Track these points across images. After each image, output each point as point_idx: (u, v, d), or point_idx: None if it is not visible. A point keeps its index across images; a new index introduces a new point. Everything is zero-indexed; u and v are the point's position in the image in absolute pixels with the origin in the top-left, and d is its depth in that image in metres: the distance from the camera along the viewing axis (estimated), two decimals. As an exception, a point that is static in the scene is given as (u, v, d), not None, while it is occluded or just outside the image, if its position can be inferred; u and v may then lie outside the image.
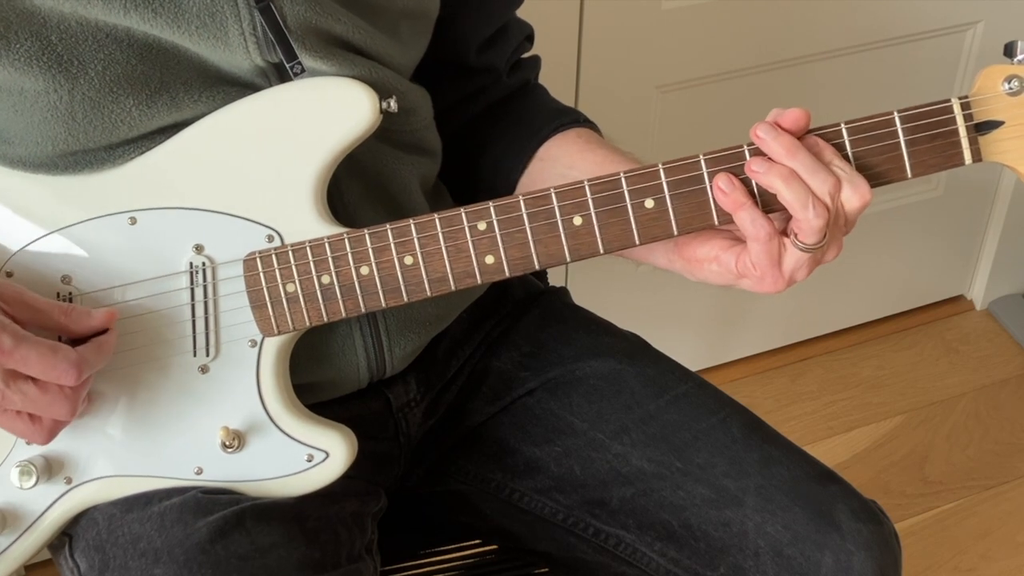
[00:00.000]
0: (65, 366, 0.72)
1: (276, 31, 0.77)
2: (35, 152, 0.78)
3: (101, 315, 0.76)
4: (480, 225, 0.78)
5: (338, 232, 0.79)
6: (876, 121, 0.77)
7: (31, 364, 0.71)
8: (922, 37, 1.74)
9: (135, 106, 0.77)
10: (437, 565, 1.07)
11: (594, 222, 0.77)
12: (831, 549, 0.86)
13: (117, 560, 0.80)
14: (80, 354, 0.73)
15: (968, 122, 0.77)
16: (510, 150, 0.93)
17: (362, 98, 0.78)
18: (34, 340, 0.72)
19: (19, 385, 0.72)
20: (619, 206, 0.77)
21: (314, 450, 0.82)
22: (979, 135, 0.78)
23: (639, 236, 0.78)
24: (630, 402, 0.95)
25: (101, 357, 0.76)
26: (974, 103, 0.78)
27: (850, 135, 0.77)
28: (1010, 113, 0.78)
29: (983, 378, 1.97)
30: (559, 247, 0.78)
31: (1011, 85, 0.77)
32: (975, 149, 0.78)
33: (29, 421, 0.74)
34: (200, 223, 0.79)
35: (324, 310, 0.80)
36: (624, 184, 0.77)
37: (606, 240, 0.78)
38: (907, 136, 0.77)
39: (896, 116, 0.77)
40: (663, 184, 0.77)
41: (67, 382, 0.72)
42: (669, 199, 0.77)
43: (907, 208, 1.93)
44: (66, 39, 0.74)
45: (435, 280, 0.79)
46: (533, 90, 0.99)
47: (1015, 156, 0.78)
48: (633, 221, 0.77)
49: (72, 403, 0.74)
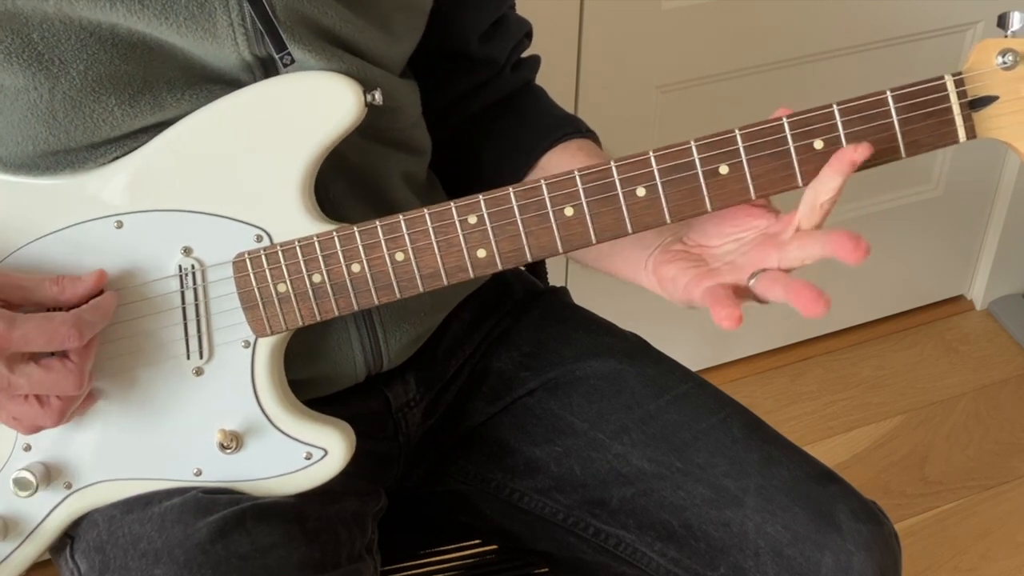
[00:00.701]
0: (64, 329, 0.72)
1: (265, 21, 0.76)
2: (16, 152, 0.78)
3: (91, 278, 0.76)
4: (471, 219, 0.77)
5: (327, 230, 0.78)
6: (868, 101, 0.75)
7: (31, 339, 0.72)
8: (922, 37, 1.74)
9: (117, 106, 0.76)
10: (437, 565, 1.07)
11: (586, 212, 0.76)
12: (831, 549, 0.86)
13: (117, 561, 0.80)
14: (76, 315, 0.73)
15: (962, 99, 0.75)
16: (510, 157, 0.93)
17: (346, 91, 0.77)
18: (26, 316, 0.72)
19: (22, 368, 0.73)
20: (610, 195, 0.76)
21: (312, 448, 0.82)
22: (973, 111, 0.76)
23: (631, 225, 0.77)
24: (630, 402, 0.95)
25: (100, 316, 0.76)
26: (968, 79, 0.75)
27: (842, 116, 0.75)
28: (1005, 88, 0.75)
29: (983, 378, 1.97)
30: (551, 238, 0.77)
31: (1005, 59, 0.75)
32: (969, 126, 0.76)
33: (38, 404, 0.74)
34: (187, 225, 0.78)
35: (316, 309, 0.79)
36: (615, 173, 0.76)
37: (598, 230, 0.77)
38: (900, 115, 0.75)
39: (889, 95, 0.75)
40: (654, 172, 0.76)
41: (72, 343, 0.73)
42: (661, 186, 0.76)
43: (907, 208, 1.93)
44: (48, 37, 0.74)
45: (427, 275, 0.78)
46: (534, 92, 0.99)
47: (1010, 132, 0.76)
48: (625, 210, 0.76)
49: (77, 376, 0.74)
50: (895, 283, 2.02)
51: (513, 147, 0.94)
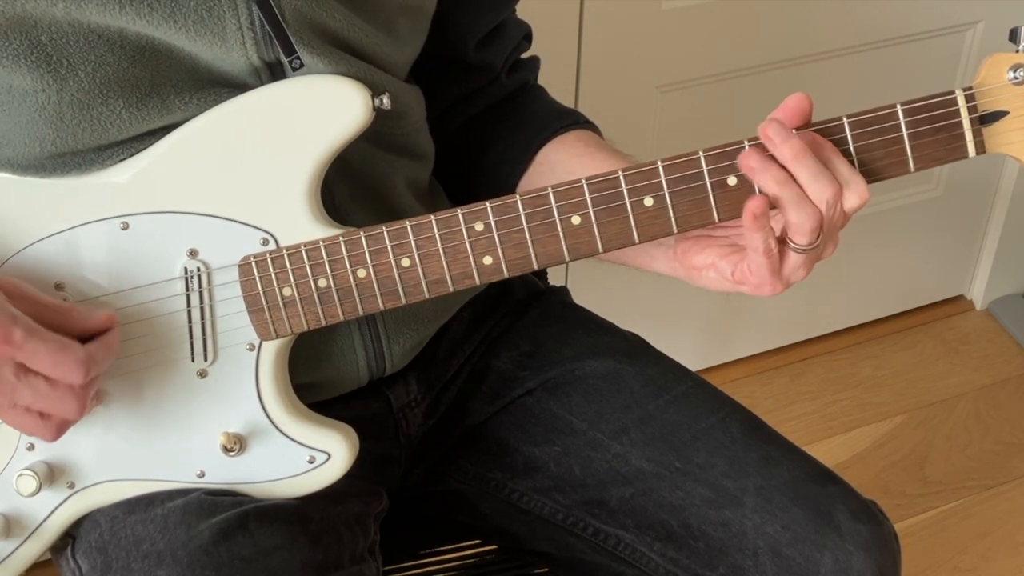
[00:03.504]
0: (73, 364, 0.71)
1: (274, 25, 0.76)
2: (23, 153, 0.78)
3: (101, 317, 0.76)
4: (477, 226, 0.77)
5: (333, 234, 0.78)
6: (879, 115, 0.75)
7: (40, 359, 0.71)
8: (922, 37, 1.74)
9: (124, 109, 0.76)
10: (437, 565, 1.07)
11: (593, 221, 0.76)
12: (830, 549, 0.86)
13: (120, 562, 0.80)
14: (88, 352, 0.72)
15: (972, 113, 0.75)
16: (508, 154, 0.93)
17: (354, 95, 0.77)
18: (46, 335, 0.71)
19: (29, 380, 0.71)
20: (618, 204, 0.76)
21: (316, 452, 0.82)
22: (983, 127, 0.76)
23: (638, 235, 0.77)
24: (629, 402, 0.95)
25: (108, 356, 0.75)
26: (978, 94, 0.75)
27: (852, 129, 0.75)
28: (1016, 103, 0.75)
29: (983, 378, 1.97)
30: (558, 247, 0.77)
31: (1017, 74, 0.74)
32: (979, 141, 0.76)
33: (38, 418, 0.74)
34: (193, 227, 0.78)
35: (321, 313, 0.79)
36: (623, 182, 0.76)
37: (605, 239, 0.77)
38: (910, 129, 0.75)
39: (899, 109, 0.75)
40: (662, 182, 0.76)
41: (75, 380, 0.72)
42: (669, 197, 0.76)
43: (907, 208, 1.93)
44: (56, 39, 0.74)
45: (433, 282, 0.78)
46: (532, 91, 0.99)
47: (1020, 147, 0.76)
48: (632, 219, 0.76)
49: (80, 402, 0.73)
50: (895, 283, 2.02)
51: (511, 144, 0.94)
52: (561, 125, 0.93)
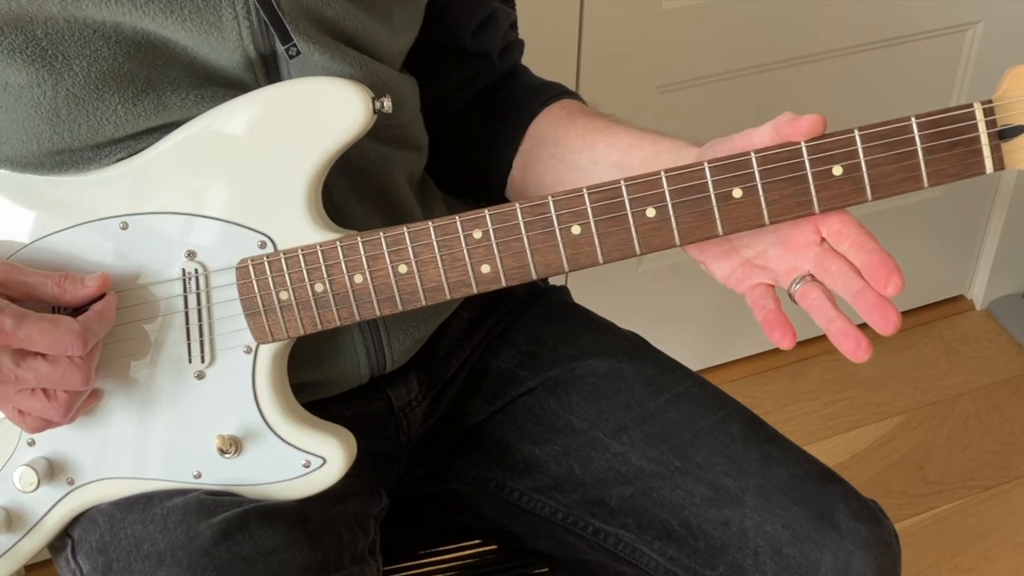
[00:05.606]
0: (69, 338, 0.73)
1: (270, 12, 0.76)
2: (21, 150, 0.78)
3: (95, 281, 0.76)
4: (476, 233, 0.76)
5: (331, 239, 0.77)
6: (892, 128, 0.72)
7: (35, 341, 0.72)
8: (922, 37, 1.74)
9: (120, 104, 0.76)
10: (437, 565, 1.07)
11: (593, 231, 0.75)
12: (830, 549, 0.86)
13: (120, 562, 0.80)
14: (82, 323, 0.74)
15: (991, 128, 0.72)
16: (500, 136, 0.94)
17: (355, 99, 0.76)
18: (35, 316, 0.72)
19: (29, 362, 0.73)
20: (619, 215, 0.74)
21: (311, 456, 0.82)
22: (1002, 141, 0.72)
23: (640, 246, 0.75)
24: (629, 401, 0.95)
25: (105, 323, 0.76)
26: (998, 107, 0.71)
27: (864, 142, 0.72)
28: None
29: (983, 378, 1.97)
30: (557, 257, 0.76)
31: None
32: (997, 157, 0.72)
33: (45, 398, 0.75)
34: (192, 228, 0.78)
35: (318, 318, 0.79)
36: (625, 192, 0.74)
37: (605, 250, 0.75)
38: (924, 144, 0.71)
39: (914, 123, 0.72)
40: (665, 192, 0.74)
41: (74, 352, 0.73)
42: (671, 208, 0.74)
43: (907, 208, 1.94)
44: (52, 34, 0.74)
45: (430, 289, 0.77)
46: (518, 72, 1.00)
47: None
48: (634, 230, 0.75)
49: (84, 371, 0.74)
50: (895, 283, 2.02)
51: (501, 120, 0.94)
52: (547, 97, 0.94)
